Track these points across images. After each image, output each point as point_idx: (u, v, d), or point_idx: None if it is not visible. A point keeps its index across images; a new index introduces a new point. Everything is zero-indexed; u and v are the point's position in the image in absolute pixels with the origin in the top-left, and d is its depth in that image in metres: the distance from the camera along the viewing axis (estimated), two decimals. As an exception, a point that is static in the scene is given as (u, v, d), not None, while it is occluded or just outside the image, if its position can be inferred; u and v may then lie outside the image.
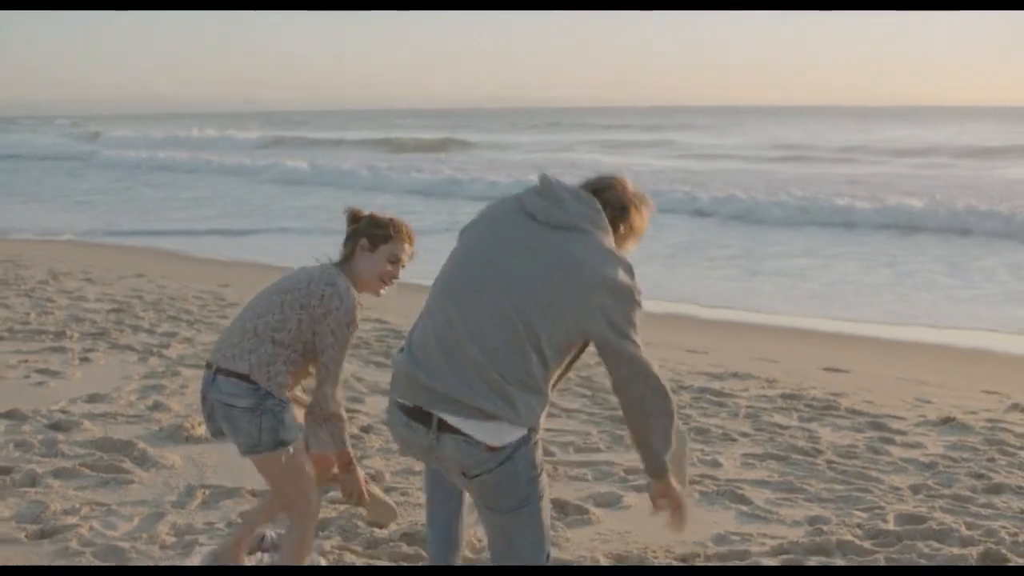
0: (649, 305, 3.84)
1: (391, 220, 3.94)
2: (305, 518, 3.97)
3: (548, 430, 6.97)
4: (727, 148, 51.38)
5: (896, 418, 7.59)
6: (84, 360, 8.74)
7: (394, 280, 3.95)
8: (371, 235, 3.87)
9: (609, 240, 3.64)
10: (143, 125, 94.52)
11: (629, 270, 3.58)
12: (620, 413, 3.87)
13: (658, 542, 5.03)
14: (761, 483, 6.02)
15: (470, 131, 72.46)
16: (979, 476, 6.23)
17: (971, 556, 4.84)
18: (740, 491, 5.81)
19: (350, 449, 3.99)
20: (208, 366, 3.90)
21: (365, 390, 7.92)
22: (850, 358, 9.90)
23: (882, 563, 4.79)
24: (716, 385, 8.48)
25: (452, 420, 3.42)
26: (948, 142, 52.19)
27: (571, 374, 8.34)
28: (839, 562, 4.81)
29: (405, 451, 3.68)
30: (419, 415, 3.48)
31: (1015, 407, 8.06)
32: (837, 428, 7.30)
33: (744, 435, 7.06)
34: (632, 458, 6.40)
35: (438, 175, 32.36)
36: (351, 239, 3.93)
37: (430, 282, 3.68)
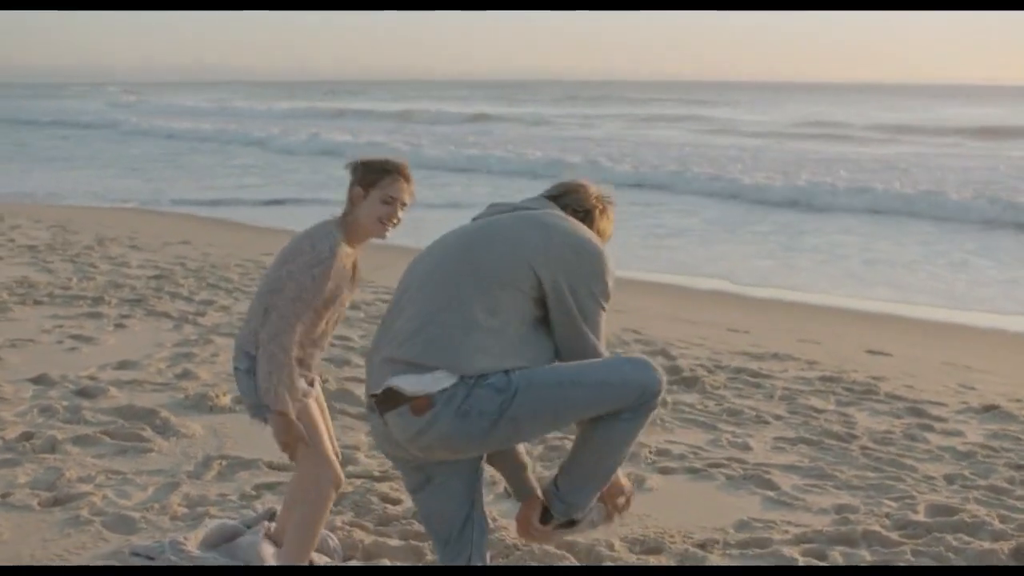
0: (690, 283, 3.74)
1: (384, 160, 3.81)
2: (316, 481, 3.79)
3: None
4: (762, 124, 50.81)
5: (937, 404, 7.37)
6: (119, 326, 8.75)
7: (395, 221, 3.78)
8: (362, 181, 3.75)
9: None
10: (192, 92, 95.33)
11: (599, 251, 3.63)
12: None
13: (676, 527, 4.90)
14: (790, 468, 5.85)
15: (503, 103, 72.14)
16: (1019, 467, 6.01)
17: (1002, 552, 4.64)
18: (768, 476, 5.65)
19: (274, 397, 3.57)
20: None
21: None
22: (894, 341, 9.66)
23: (908, 556, 4.62)
24: (754, 366, 8.30)
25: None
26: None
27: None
28: (863, 553, 4.65)
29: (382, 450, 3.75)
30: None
31: (1064, 396, 7.81)
32: (875, 413, 7.10)
33: (778, 418, 6.89)
34: (660, 440, 6.28)
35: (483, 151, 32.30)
36: (348, 191, 3.83)
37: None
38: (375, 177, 3.74)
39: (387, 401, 3.42)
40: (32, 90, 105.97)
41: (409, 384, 3.35)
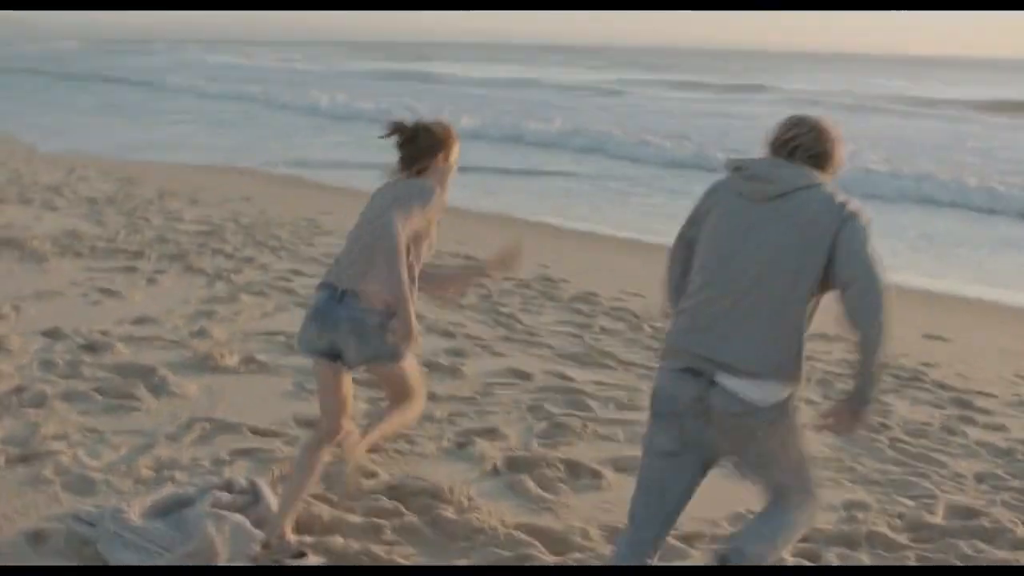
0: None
1: (446, 127, 4.13)
2: (417, 406, 4.26)
3: (596, 383, 6.55)
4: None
5: (986, 395, 6.88)
6: (151, 281, 8.66)
7: None
8: (445, 148, 4.08)
9: None
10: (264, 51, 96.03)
11: None
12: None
13: (665, 517, 4.57)
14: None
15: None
16: (1060, 468, 5.56)
17: (1018, 563, 4.24)
18: (779, 466, 5.28)
19: (404, 292, 3.80)
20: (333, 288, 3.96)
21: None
22: (955, 325, 9.11)
23: (911, 561, 4.24)
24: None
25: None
26: None
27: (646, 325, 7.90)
28: (862, 556, 4.28)
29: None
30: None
31: None
32: (916, 402, 6.65)
33: (809, 403, 6.48)
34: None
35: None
36: (421, 156, 4.07)
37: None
38: (451, 143, 4.10)
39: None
40: (119, 45, 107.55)
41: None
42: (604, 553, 4.18)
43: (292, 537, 3.97)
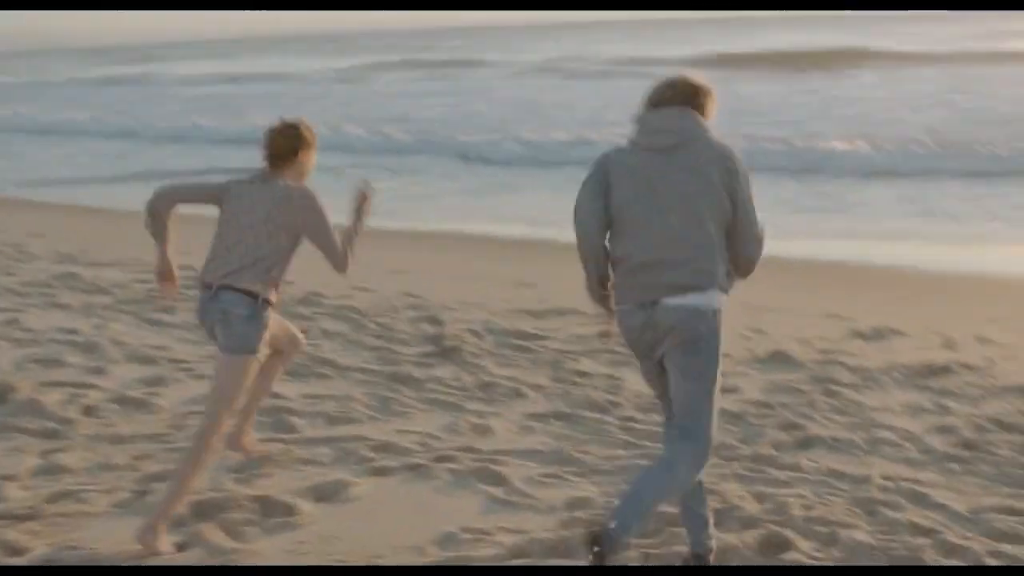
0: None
1: (308, 127, 4.34)
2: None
3: (307, 396, 5.95)
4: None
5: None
6: None
7: None
8: (308, 148, 4.30)
9: None
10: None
11: None
12: (406, 371, 3.37)
13: (365, 546, 4.05)
14: (531, 454, 5.05)
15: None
16: (790, 427, 5.34)
17: (741, 546, 3.92)
18: (499, 468, 4.83)
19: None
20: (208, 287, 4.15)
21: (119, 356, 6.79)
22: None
23: (636, 563, 3.85)
24: (529, 326, 7.48)
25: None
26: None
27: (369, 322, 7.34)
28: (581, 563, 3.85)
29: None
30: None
31: (857, 334, 7.21)
32: (648, 373, 6.36)
33: (538, 388, 6.10)
34: (389, 429, 5.42)
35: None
36: (287, 154, 4.24)
37: None
38: (314, 142, 4.35)
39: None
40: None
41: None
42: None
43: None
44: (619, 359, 6.63)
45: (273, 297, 4.21)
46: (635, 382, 6.16)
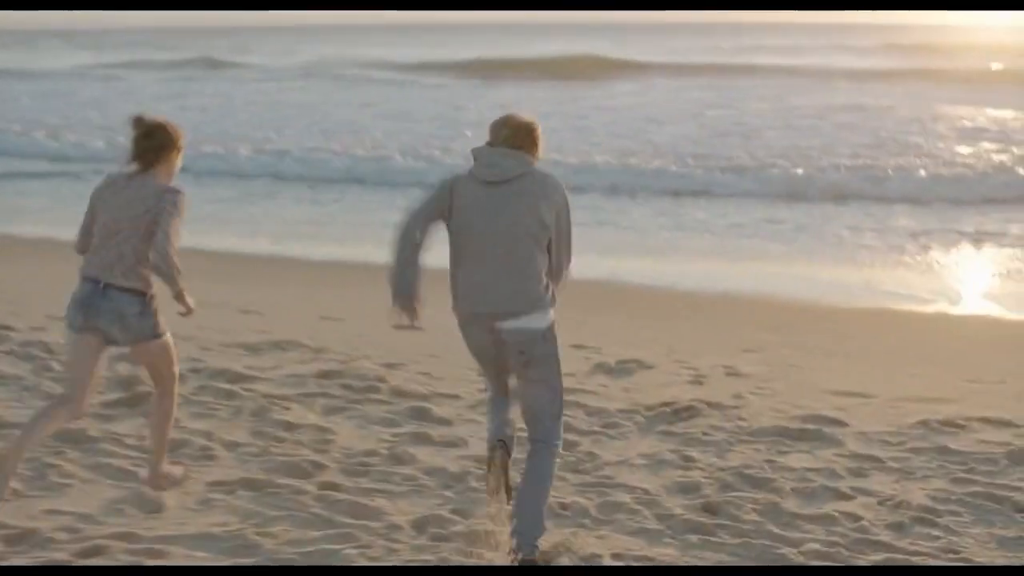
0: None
1: (176, 126, 4.43)
2: (173, 386, 4.51)
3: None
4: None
5: (450, 397, 5.96)
6: None
7: None
8: (176, 147, 4.39)
9: None
10: None
11: None
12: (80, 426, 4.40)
13: None
14: (201, 541, 4.13)
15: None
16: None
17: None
18: (157, 561, 3.92)
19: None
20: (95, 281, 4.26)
21: None
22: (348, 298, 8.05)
23: None
24: (240, 366, 6.52)
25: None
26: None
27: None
28: None
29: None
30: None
31: (601, 368, 6.65)
32: (365, 424, 5.57)
33: (232, 447, 5.20)
34: (35, 511, 4.42)
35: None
36: (157, 152, 4.33)
37: None
38: (182, 142, 4.44)
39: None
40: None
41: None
42: None
43: None
44: (336, 405, 5.84)
45: (154, 287, 4.31)
46: (348, 434, 5.38)
